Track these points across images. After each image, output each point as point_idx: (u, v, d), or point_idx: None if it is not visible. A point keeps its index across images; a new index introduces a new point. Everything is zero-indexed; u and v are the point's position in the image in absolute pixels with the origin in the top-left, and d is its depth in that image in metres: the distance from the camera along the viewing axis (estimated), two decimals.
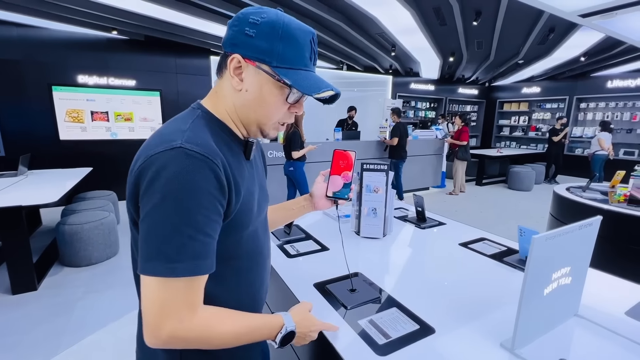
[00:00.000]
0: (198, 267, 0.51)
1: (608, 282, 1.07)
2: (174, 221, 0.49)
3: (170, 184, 0.49)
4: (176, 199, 0.49)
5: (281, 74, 0.56)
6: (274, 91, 0.59)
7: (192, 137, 0.53)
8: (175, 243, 0.49)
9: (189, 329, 0.51)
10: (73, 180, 3.28)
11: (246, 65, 0.57)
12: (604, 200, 2.48)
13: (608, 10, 3.25)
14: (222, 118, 0.62)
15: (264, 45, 0.55)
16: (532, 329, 0.75)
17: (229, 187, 0.55)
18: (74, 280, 2.72)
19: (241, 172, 0.61)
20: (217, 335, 0.54)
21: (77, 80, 4.81)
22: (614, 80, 7.66)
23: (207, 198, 0.51)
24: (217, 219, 0.54)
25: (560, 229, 0.71)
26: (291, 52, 0.56)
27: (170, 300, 0.50)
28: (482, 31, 4.98)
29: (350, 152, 0.87)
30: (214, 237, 0.54)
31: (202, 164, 0.51)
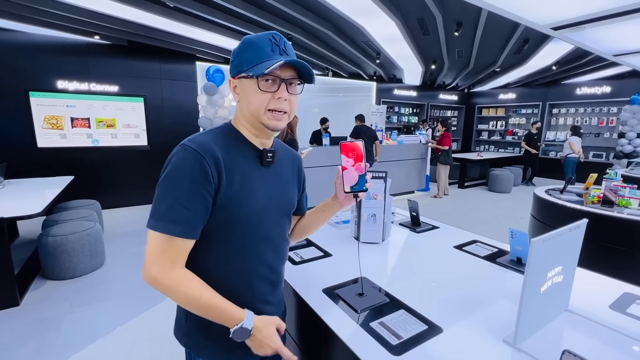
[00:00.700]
0: (171, 229, 0.67)
1: (591, 279, 1.17)
2: (164, 193, 0.68)
3: (170, 168, 0.70)
4: (169, 178, 0.69)
5: (248, 71, 0.72)
6: (250, 86, 0.74)
7: (195, 138, 0.72)
8: (162, 208, 0.67)
9: (166, 277, 0.67)
10: (55, 190, 3.16)
11: (235, 82, 0.77)
12: (579, 201, 2.65)
13: (578, 24, 3.50)
14: (239, 129, 0.80)
15: (237, 61, 0.75)
16: (531, 324, 0.82)
17: (218, 176, 0.70)
18: (59, 294, 2.62)
19: (246, 172, 0.76)
20: (183, 293, 0.68)
21: (57, 86, 4.65)
22: (583, 88, 8.16)
23: (191, 181, 0.67)
24: (199, 198, 0.68)
25: (554, 232, 0.78)
26: (252, 54, 0.72)
27: (157, 251, 0.67)
28: (462, 41, 5.21)
29: (358, 141, 0.85)
30: (193, 211, 0.68)
31: (192, 156, 0.68)
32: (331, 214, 0.96)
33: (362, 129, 5.34)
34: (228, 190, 0.72)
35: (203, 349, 0.80)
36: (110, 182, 5.15)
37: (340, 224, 1.73)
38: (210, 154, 0.70)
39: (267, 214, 0.80)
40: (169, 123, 5.53)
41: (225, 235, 0.75)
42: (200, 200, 0.69)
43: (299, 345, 1.10)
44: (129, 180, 5.29)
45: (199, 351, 0.81)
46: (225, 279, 0.77)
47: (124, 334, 2.17)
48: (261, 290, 0.82)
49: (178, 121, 5.59)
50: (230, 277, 0.77)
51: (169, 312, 2.39)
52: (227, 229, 0.74)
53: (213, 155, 0.70)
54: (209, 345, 0.80)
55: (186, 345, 0.82)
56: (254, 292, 0.80)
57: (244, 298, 0.78)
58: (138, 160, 5.34)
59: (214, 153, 0.70)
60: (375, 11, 3.80)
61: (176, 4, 3.59)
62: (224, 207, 0.72)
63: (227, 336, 0.75)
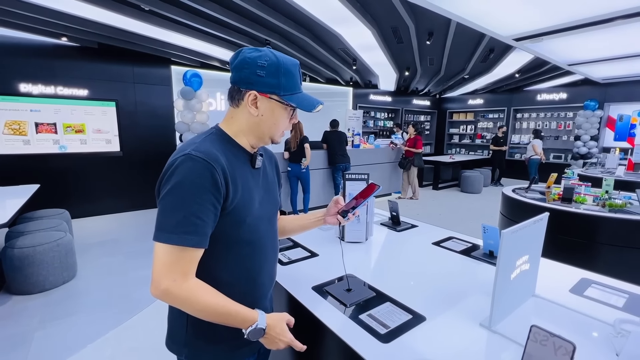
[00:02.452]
0: (186, 240, 0.67)
1: (553, 267, 1.29)
2: (175, 204, 0.68)
3: (177, 178, 0.68)
4: (180, 188, 0.68)
5: (286, 99, 0.78)
6: (282, 112, 0.81)
7: (198, 146, 0.72)
8: (173, 220, 0.67)
9: (179, 289, 0.68)
10: (19, 199, 2.98)
11: (261, 97, 0.78)
12: (542, 199, 2.87)
13: (536, 36, 3.81)
14: (233, 136, 0.81)
15: (273, 82, 0.76)
16: (504, 308, 0.90)
17: (226, 184, 0.72)
18: (28, 309, 2.46)
19: (244, 176, 0.79)
20: (197, 302, 0.69)
21: (19, 89, 4.38)
22: (542, 94, 8.79)
23: (202, 191, 0.68)
24: (210, 207, 0.70)
25: (521, 224, 0.88)
26: (290, 82, 0.78)
27: (168, 263, 0.67)
28: (433, 49, 5.48)
29: (377, 185, 1.02)
30: (206, 221, 0.69)
31: (201, 165, 0.69)
32: (315, 226, 1.10)
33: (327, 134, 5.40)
34: (235, 196, 0.74)
35: (206, 354, 0.81)
36: (80, 190, 4.90)
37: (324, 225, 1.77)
38: (219, 163, 0.71)
39: (264, 214, 0.85)
40: (143, 128, 5.36)
41: (233, 239, 0.78)
42: (211, 210, 0.70)
43: None
44: (100, 188, 5.05)
45: (205, 357, 0.82)
46: (234, 281, 0.80)
47: (101, 346, 2.08)
48: (264, 285, 0.87)
49: (153, 126, 5.43)
50: (238, 278, 0.80)
51: (148, 323, 2.32)
52: (234, 232, 0.77)
53: (220, 164, 0.71)
54: (213, 350, 0.81)
55: (187, 357, 0.82)
56: (258, 289, 0.85)
57: (251, 296, 0.83)
58: (110, 166, 5.12)
59: (221, 162, 0.72)
60: (351, 20, 3.93)
61: (151, 7, 3.52)
62: (231, 213, 0.74)
63: (230, 338, 0.80)
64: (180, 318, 0.80)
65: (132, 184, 5.27)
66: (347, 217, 1.02)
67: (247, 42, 4.86)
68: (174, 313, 0.82)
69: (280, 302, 1.12)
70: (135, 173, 5.28)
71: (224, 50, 5.25)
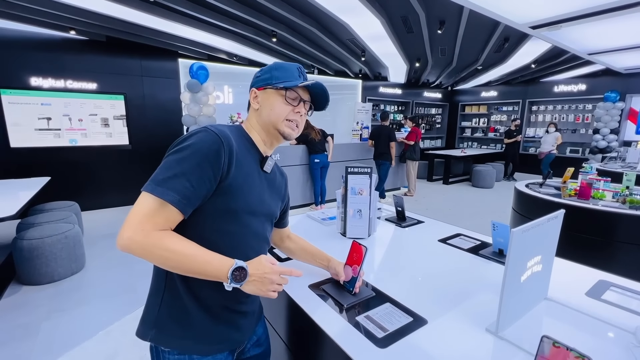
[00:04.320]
0: (167, 194, 0.67)
1: (568, 268, 1.21)
2: (172, 163, 0.70)
3: (186, 143, 0.72)
4: (183, 150, 0.71)
5: (278, 84, 0.85)
6: (277, 97, 0.86)
7: (215, 126, 0.77)
8: (164, 175, 0.69)
9: (146, 236, 0.66)
10: (29, 191, 3.03)
11: (259, 92, 0.88)
12: (557, 194, 2.75)
13: (555, 23, 3.61)
14: (249, 132, 0.89)
15: (266, 76, 0.87)
16: (513, 313, 0.84)
17: (229, 164, 0.74)
18: (36, 300, 2.51)
19: (250, 170, 0.83)
20: (165, 248, 0.67)
21: (30, 83, 4.44)
22: (560, 86, 8.45)
23: (203, 160, 0.70)
24: (205, 178, 0.71)
25: (533, 222, 0.80)
26: (283, 74, 0.87)
27: (144, 214, 0.67)
28: (445, 39, 5.29)
29: (363, 247, 0.97)
30: (195, 187, 0.70)
31: (211, 138, 0.73)
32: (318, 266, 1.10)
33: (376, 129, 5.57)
34: (233, 180, 0.76)
35: (173, 339, 0.78)
36: (90, 182, 4.98)
37: (326, 220, 1.72)
38: (228, 142, 0.75)
39: (259, 214, 0.86)
40: (152, 121, 5.39)
41: (220, 224, 0.78)
42: (205, 181, 0.71)
43: (285, 342, 1.09)
44: (109, 181, 5.12)
45: (171, 343, 0.79)
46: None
47: (105, 338, 2.10)
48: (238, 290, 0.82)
49: (161, 119, 5.46)
50: None
51: None
52: (222, 218, 0.78)
53: (229, 143, 0.75)
54: (182, 335, 0.78)
55: (154, 339, 0.79)
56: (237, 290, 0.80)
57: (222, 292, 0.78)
58: (119, 159, 5.18)
59: (231, 142, 0.76)
60: (359, 9, 3.81)
61: None
62: (224, 194, 0.75)
63: (202, 328, 0.78)
64: (155, 296, 0.81)
65: (141, 177, 5.24)
66: (354, 288, 0.98)
67: (253, 33, 4.79)
68: (151, 293, 0.82)
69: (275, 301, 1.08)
70: (144, 166, 5.33)
71: (230, 42, 5.20)
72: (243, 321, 0.88)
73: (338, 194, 1.56)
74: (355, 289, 0.98)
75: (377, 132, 5.53)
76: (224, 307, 0.82)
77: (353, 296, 0.97)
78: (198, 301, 0.79)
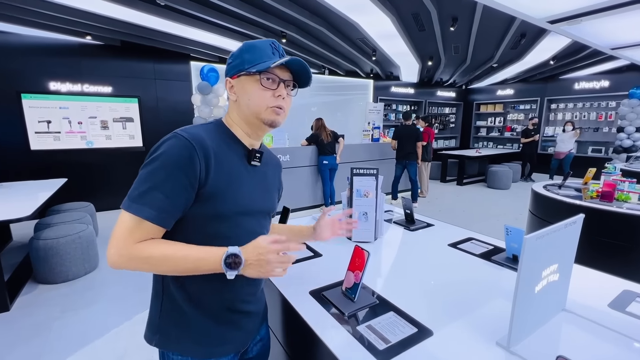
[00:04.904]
0: (142, 211, 0.66)
1: (589, 276, 1.12)
2: (145, 177, 0.68)
3: (156, 153, 0.69)
4: (154, 162, 0.68)
5: (250, 69, 0.75)
6: (252, 84, 0.77)
7: (187, 128, 0.73)
8: (138, 191, 0.67)
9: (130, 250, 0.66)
10: (47, 192, 3.12)
11: (233, 81, 0.79)
12: (577, 196, 2.61)
13: (574, 17, 3.45)
14: (231, 127, 0.82)
15: (237, 62, 0.78)
16: (526, 326, 0.78)
17: (206, 168, 0.70)
18: (50, 299, 2.57)
19: (236, 168, 0.78)
20: (153, 256, 0.66)
21: (49, 88, 4.60)
22: (581, 82, 8.11)
23: (175, 169, 0.67)
24: (180, 187, 0.67)
25: (549, 228, 0.74)
26: (254, 56, 0.76)
27: (124, 232, 0.66)
28: (458, 36, 5.16)
29: (365, 252, 0.93)
30: (171, 198, 0.67)
31: (181, 144, 0.68)
32: (304, 240, 1.08)
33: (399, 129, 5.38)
34: (214, 184, 0.72)
35: (178, 342, 0.78)
36: (105, 184, 5.10)
37: None
38: (201, 145, 0.70)
39: (252, 212, 0.81)
40: (164, 123, 5.48)
41: (211, 230, 0.74)
42: (181, 190, 0.68)
43: (285, 348, 1.06)
44: (123, 182, 5.19)
45: (173, 347, 0.78)
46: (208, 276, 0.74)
47: (115, 338, 2.12)
48: (243, 286, 0.82)
49: (173, 121, 5.53)
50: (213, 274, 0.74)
51: None
52: (210, 224, 0.74)
53: (203, 146, 0.70)
54: (184, 338, 0.77)
55: (158, 344, 0.79)
56: (236, 289, 0.80)
57: (227, 293, 0.79)
58: (133, 161, 5.29)
59: (205, 145, 0.71)
60: (369, 7, 3.75)
61: (167, 2, 3.54)
62: (209, 200, 0.72)
63: (204, 327, 0.78)
64: (155, 302, 0.80)
65: None
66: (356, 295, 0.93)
67: (262, 34, 4.80)
68: (152, 298, 0.81)
69: (275, 305, 1.05)
70: None
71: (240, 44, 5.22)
72: (247, 322, 0.86)
73: (343, 196, 1.52)
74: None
75: (402, 132, 5.32)
76: (226, 309, 0.80)
77: (355, 303, 0.93)
78: (197, 305, 0.77)
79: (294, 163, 4.86)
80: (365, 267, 0.92)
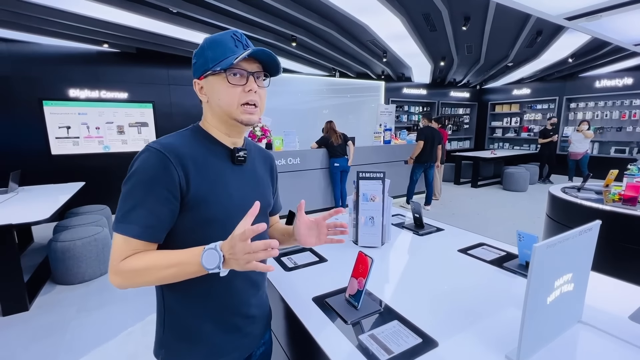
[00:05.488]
0: (129, 230, 0.66)
1: (609, 285, 1.06)
2: (126, 195, 0.68)
3: (132, 169, 0.69)
4: (131, 179, 0.68)
5: (215, 67, 0.72)
6: (219, 82, 0.73)
7: (160, 139, 0.72)
8: (123, 211, 0.67)
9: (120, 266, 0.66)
10: (65, 196, 3.22)
11: (201, 82, 0.76)
12: (598, 199, 2.50)
13: (593, 13, 3.32)
14: (208, 130, 0.79)
15: (201, 61, 0.74)
16: (537, 339, 0.73)
17: (184, 173, 0.69)
18: (67, 299, 2.65)
19: (219, 171, 0.76)
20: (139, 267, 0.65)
21: (69, 94, 4.77)
22: (602, 80, 7.80)
23: (153, 183, 0.66)
24: (162, 200, 0.67)
25: (561, 235, 0.70)
26: (217, 52, 0.73)
27: (115, 250, 0.67)
28: (471, 36, 5.06)
29: (369, 258, 0.91)
30: (154, 212, 0.67)
31: (155, 157, 0.68)
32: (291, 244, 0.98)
33: (427, 131, 5.13)
34: (198, 190, 0.71)
35: (183, 357, 0.78)
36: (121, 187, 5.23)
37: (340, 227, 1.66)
38: (175, 154, 0.69)
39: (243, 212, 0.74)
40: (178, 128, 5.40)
41: (201, 237, 0.71)
42: (163, 202, 0.67)
43: (287, 354, 1.05)
44: None
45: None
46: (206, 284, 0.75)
47: (127, 338, 2.16)
48: (242, 292, 0.81)
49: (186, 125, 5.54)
50: (210, 281, 0.74)
51: None
52: (202, 230, 0.73)
53: (178, 155, 0.69)
54: (189, 352, 0.77)
55: (165, 359, 0.79)
56: (235, 295, 0.80)
57: (228, 298, 0.78)
58: None
59: (179, 153, 0.70)
60: (378, 8, 3.73)
61: (179, 9, 3.62)
62: (194, 207, 0.71)
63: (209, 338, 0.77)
64: (159, 317, 0.79)
65: None
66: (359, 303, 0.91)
67: (273, 38, 4.84)
68: (157, 312, 0.81)
69: (278, 311, 1.04)
70: None
71: None
72: (252, 327, 0.85)
73: (350, 199, 1.50)
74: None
75: (428, 134, 5.11)
76: (230, 314, 0.79)
77: (358, 311, 0.91)
78: (199, 316, 0.77)
79: (304, 166, 4.86)
80: (369, 273, 0.90)
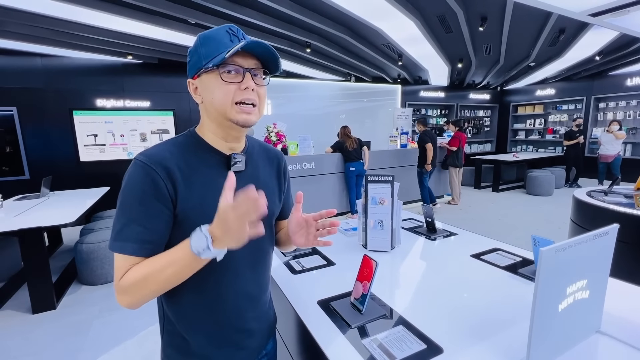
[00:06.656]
0: (125, 248, 0.64)
1: (631, 292, 1.00)
2: (119, 212, 0.65)
3: (123, 184, 0.66)
4: (122, 195, 0.65)
5: (208, 64, 0.67)
6: (212, 80, 0.68)
7: (148, 150, 0.68)
8: (117, 228, 0.65)
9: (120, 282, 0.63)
10: (91, 200, 3.40)
11: (195, 82, 0.71)
12: (629, 204, 2.35)
13: (620, 8, 3.17)
14: (203, 135, 0.74)
15: (195, 59, 0.70)
16: (549, 348, 0.70)
17: (172, 184, 0.66)
18: (91, 299, 2.77)
19: (208, 179, 0.70)
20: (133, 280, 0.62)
21: (96, 104, 5.05)
22: (634, 78, 7.38)
23: (143, 196, 0.64)
24: (153, 212, 0.65)
25: (573, 239, 0.67)
26: (210, 48, 0.68)
27: (116, 269, 0.65)
28: (489, 36, 4.94)
29: (373, 261, 0.91)
30: (147, 227, 0.64)
31: (142, 170, 0.65)
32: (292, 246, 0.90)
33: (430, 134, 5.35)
34: (187, 201, 0.67)
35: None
36: None
37: (349, 231, 1.66)
38: (162, 165, 0.65)
39: None
40: None
41: None
42: (157, 215, 0.65)
43: (293, 358, 1.05)
44: None
45: None
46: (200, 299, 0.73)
47: (144, 339, 2.23)
48: (236, 306, 0.77)
49: None
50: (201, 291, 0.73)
51: None
52: None
53: (164, 166, 0.66)
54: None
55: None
56: (228, 309, 0.76)
57: (218, 314, 0.75)
58: None
59: (166, 164, 0.66)
60: (391, 12, 3.72)
61: (197, 20, 3.76)
62: (185, 219, 0.67)
63: (205, 351, 0.75)
64: (160, 323, 0.80)
65: None
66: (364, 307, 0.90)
67: (288, 45, 4.93)
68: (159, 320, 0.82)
69: (285, 314, 1.04)
70: None
71: None
72: (249, 341, 0.81)
73: (359, 203, 1.49)
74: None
75: (432, 136, 5.38)
76: (223, 328, 0.76)
77: (362, 315, 0.90)
78: (191, 328, 0.75)
79: (319, 170, 4.87)
80: (374, 277, 0.89)
